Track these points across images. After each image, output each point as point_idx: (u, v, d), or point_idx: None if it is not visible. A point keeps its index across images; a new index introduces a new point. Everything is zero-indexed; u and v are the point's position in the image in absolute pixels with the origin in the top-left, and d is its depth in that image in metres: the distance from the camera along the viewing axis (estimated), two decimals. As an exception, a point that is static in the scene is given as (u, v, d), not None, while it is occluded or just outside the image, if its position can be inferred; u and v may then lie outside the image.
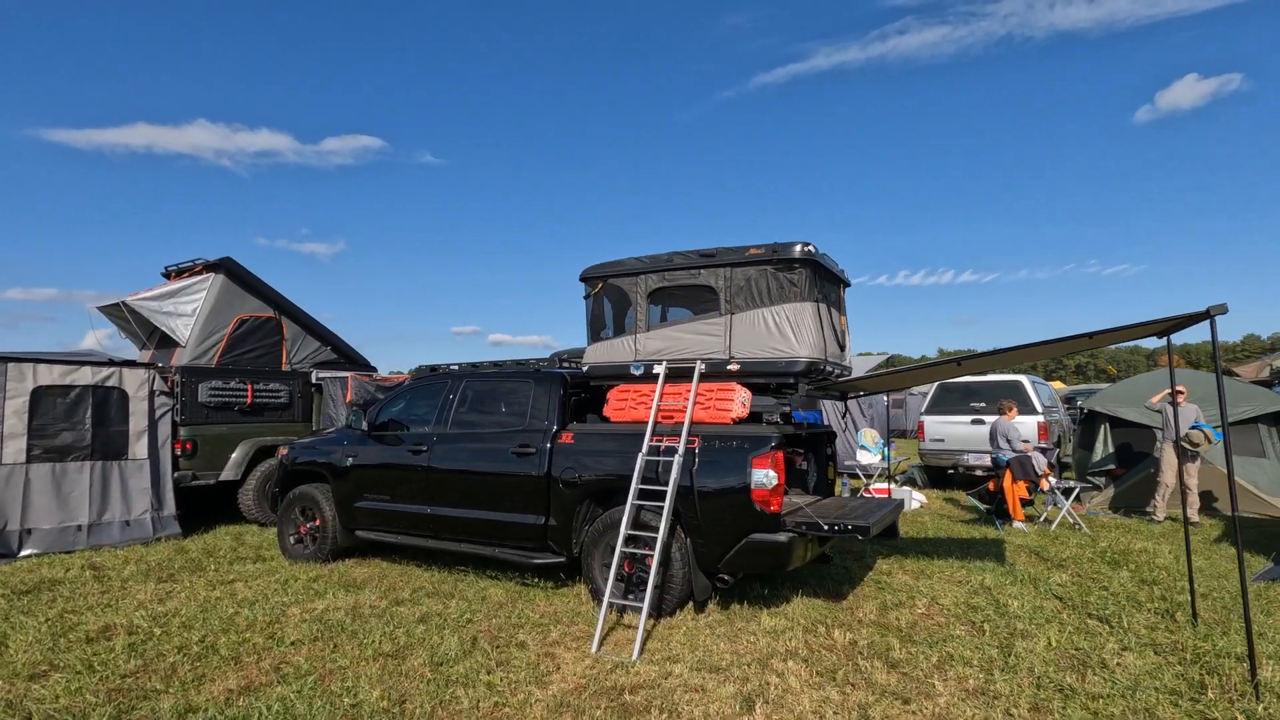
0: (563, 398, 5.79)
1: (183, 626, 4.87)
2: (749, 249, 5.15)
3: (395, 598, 5.54)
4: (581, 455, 5.39)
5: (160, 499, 8.14)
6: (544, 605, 5.33)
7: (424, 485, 6.13)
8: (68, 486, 7.49)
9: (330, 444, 6.92)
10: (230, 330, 9.17)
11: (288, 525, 7.02)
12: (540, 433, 5.66)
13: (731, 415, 5.05)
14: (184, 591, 5.80)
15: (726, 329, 5.22)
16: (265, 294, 9.54)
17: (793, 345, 5.00)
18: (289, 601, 5.46)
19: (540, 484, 5.52)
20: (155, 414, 8.18)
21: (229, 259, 9.14)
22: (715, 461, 4.86)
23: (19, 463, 7.21)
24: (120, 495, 7.84)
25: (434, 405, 6.43)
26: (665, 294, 5.53)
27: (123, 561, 6.87)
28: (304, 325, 9.99)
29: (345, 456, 6.65)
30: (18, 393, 7.25)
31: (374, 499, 6.44)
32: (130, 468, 7.96)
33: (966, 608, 5.23)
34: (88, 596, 5.64)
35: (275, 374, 9.50)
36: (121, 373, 7.97)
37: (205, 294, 9.00)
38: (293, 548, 6.97)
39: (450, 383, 6.44)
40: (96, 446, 7.69)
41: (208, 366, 8.90)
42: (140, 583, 6.09)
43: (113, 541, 7.60)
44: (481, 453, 5.89)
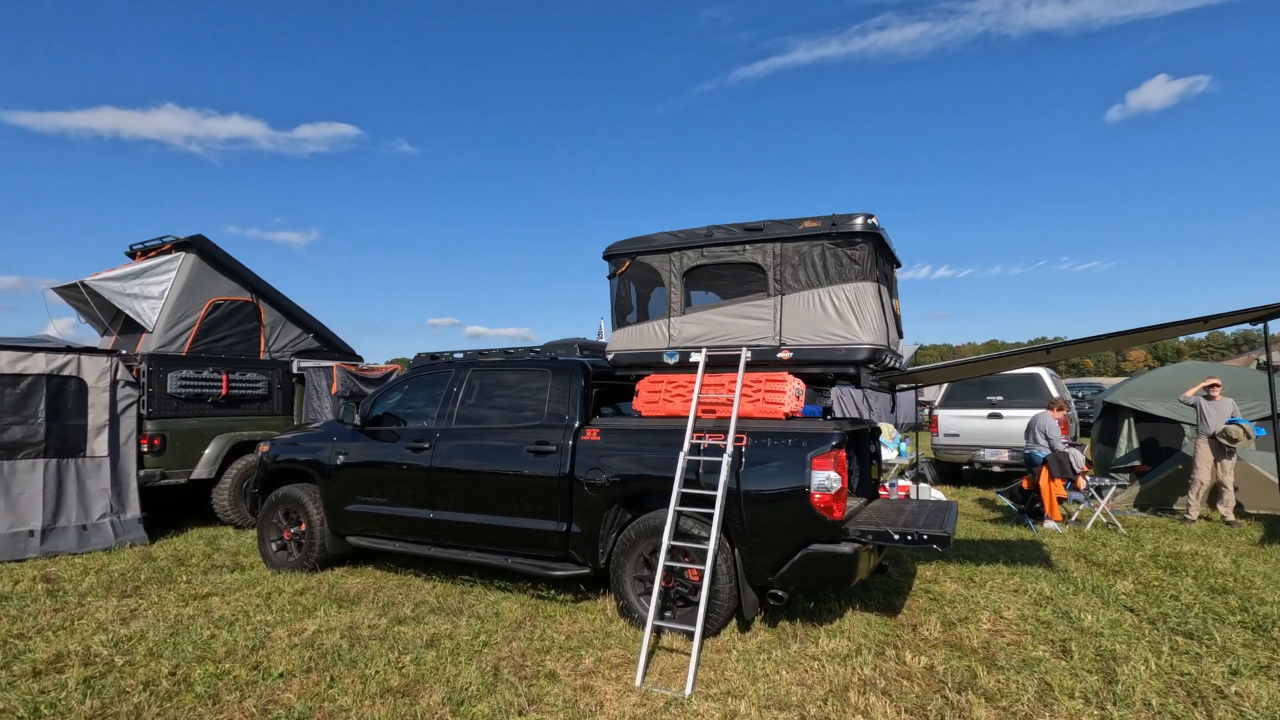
0: (584, 389, 5.17)
1: (150, 654, 4.18)
2: (802, 221, 4.56)
3: (396, 615, 4.89)
4: (609, 454, 4.78)
5: (122, 500, 7.35)
6: (567, 624, 4.72)
7: (426, 487, 5.46)
8: (17, 487, 6.69)
9: (317, 440, 6.21)
10: (202, 315, 8.37)
11: (269, 530, 6.31)
12: (560, 428, 5.04)
13: (784, 409, 4.47)
14: (151, 609, 5.08)
15: (776, 312, 4.63)
16: (241, 276, 8.74)
17: (854, 330, 4.43)
18: (274, 621, 4.78)
19: (561, 486, 4.90)
20: (118, 406, 7.38)
21: (201, 237, 8.33)
22: (767, 462, 4.28)
23: (-40, 461, 6.39)
24: (77, 497, 7.04)
25: (436, 398, 5.76)
26: (703, 273, 4.92)
27: (80, 572, 6.11)
28: (284, 310, 9.21)
29: (335, 454, 5.96)
30: (-41, 382, 6.43)
31: (368, 501, 5.77)
32: (88, 466, 7.16)
33: (1036, 622, 4.73)
34: (38, 616, 4.90)
35: (252, 363, 8.71)
36: (80, 360, 7.15)
37: (175, 275, 8.19)
38: (275, 555, 6.26)
39: (455, 373, 5.77)
40: (51, 443, 6.89)
41: (178, 355, 8.09)
42: (100, 598, 5.35)
43: (69, 549, 6.82)
44: (492, 451, 5.25)
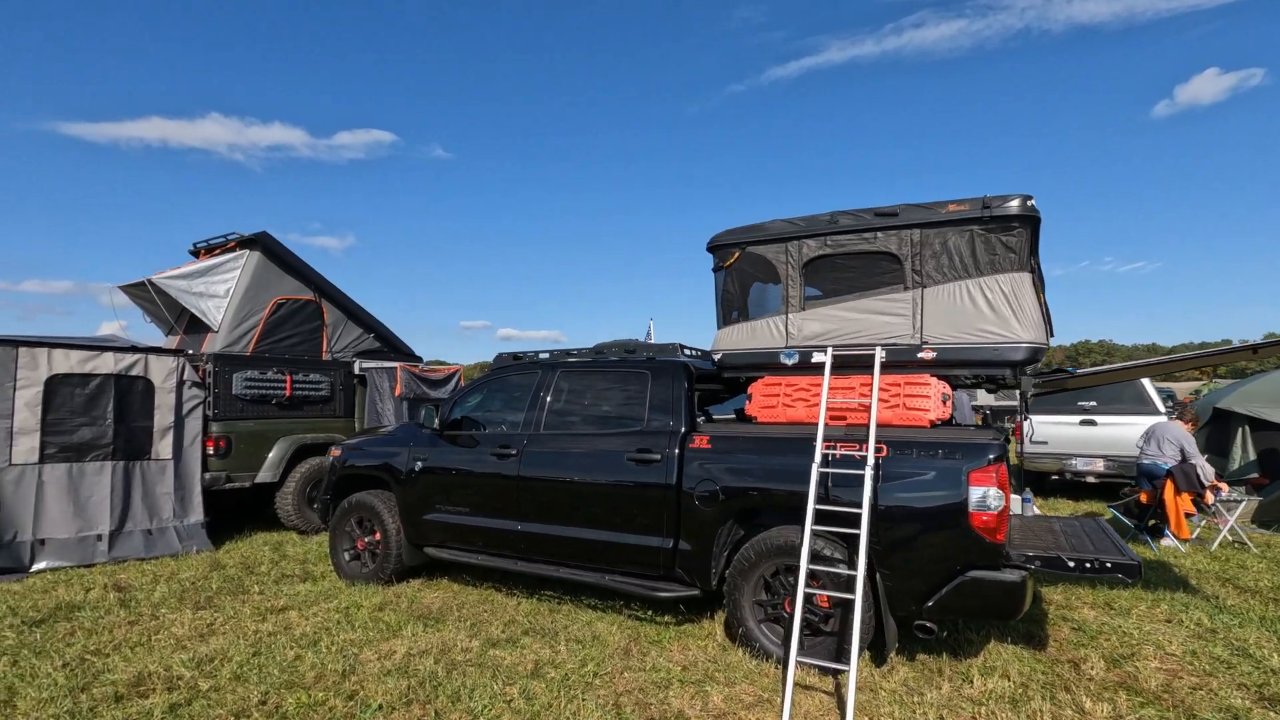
0: (689, 393, 4.73)
1: (235, 678, 3.85)
2: (946, 204, 4.06)
3: (488, 637, 4.50)
4: (722, 465, 4.32)
5: (186, 505, 7.14)
6: (677, 651, 4.28)
7: (512, 497, 5.08)
8: (86, 490, 6.50)
9: (393, 444, 5.88)
10: (267, 314, 8.15)
11: (341, 539, 5.99)
12: (664, 435, 4.60)
13: (929, 416, 3.97)
14: (228, 624, 4.78)
15: (914, 307, 4.14)
16: (304, 274, 8.51)
17: (1010, 327, 3.92)
18: (359, 640, 4.43)
19: (666, 498, 4.47)
20: (184, 408, 7.18)
21: (265, 234, 8.11)
22: (914, 476, 3.78)
23: (31, 463, 6.21)
24: (143, 500, 6.84)
25: (522, 401, 5.38)
26: (826, 264, 4.44)
27: (151, 580, 5.87)
28: (345, 310, 8.96)
29: (412, 460, 5.61)
30: (30, 382, 6.25)
31: (448, 511, 5.40)
32: (154, 469, 6.96)
33: (1213, 660, 4.14)
34: (113, 629, 4.63)
35: (315, 364, 8.48)
36: (147, 360, 6.96)
37: (239, 273, 7.98)
38: (348, 565, 5.94)
39: (541, 374, 5.38)
40: (119, 444, 6.69)
41: (242, 355, 7.88)
42: (174, 610, 5.08)
43: (136, 554, 6.61)
44: (586, 459, 4.84)
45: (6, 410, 6.11)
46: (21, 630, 4.61)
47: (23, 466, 6.17)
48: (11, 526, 6.08)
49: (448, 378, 9.04)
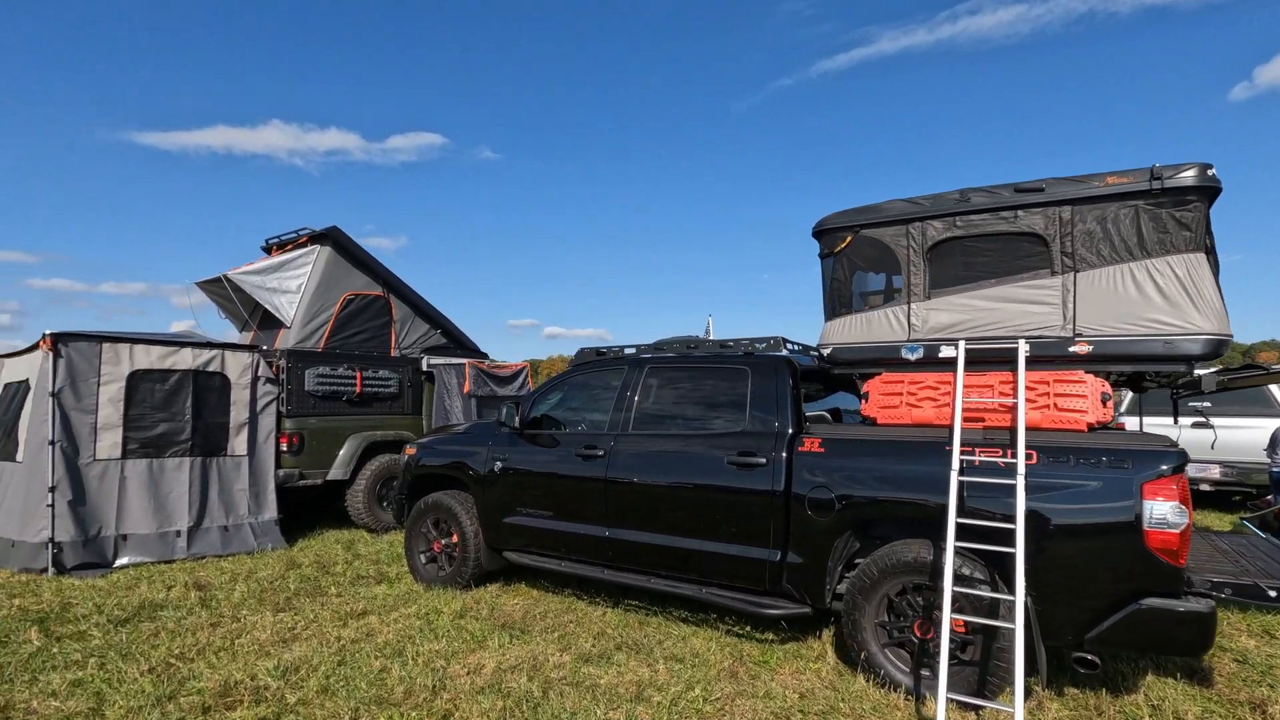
0: (794, 390, 4.33)
1: (322, 690, 3.63)
2: (1104, 177, 3.56)
3: (579, 651, 4.20)
4: (838, 470, 3.91)
5: (260, 502, 7.09)
6: (789, 675, 3.89)
7: (600, 500, 4.77)
8: (166, 486, 6.48)
9: (470, 443, 5.65)
10: (337, 310, 8.08)
11: (417, 540, 5.80)
12: (769, 436, 4.22)
13: (1086, 418, 3.48)
14: (309, 628, 4.61)
15: (1065, 294, 3.64)
16: (373, 269, 8.42)
17: (1186, 316, 3.40)
18: (445, 652, 4.18)
19: (773, 505, 4.08)
20: (258, 404, 7.13)
21: (335, 228, 8.04)
22: (1072, 487, 3.31)
23: (114, 458, 6.22)
24: (219, 497, 6.81)
25: (608, 399, 5.07)
26: (955, 247, 3.98)
27: (229, 579, 5.78)
28: (413, 305, 8.84)
29: (491, 460, 5.36)
30: (113, 377, 6.26)
31: (530, 515, 5.14)
32: (229, 465, 6.92)
33: None
34: (196, 632, 4.51)
35: (384, 360, 8.37)
36: (224, 356, 6.93)
37: (311, 268, 7.92)
38: (424, 568, 5.74)
39: (628, 370, 5.06)
40: (196, 440, 6.67)
41: (314, 350, 7.82)
42: (254, 611, 4.95)
43: (213, 551, 6.57)
44: (681, 461, 4.49)
45: (91, 405, 6.12)
46: (107, 629, 4.53)
47: (106, 462, 6.17)
48: (95, 522, 6.09)
49: (515, 374, 8.84)
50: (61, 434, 5.92)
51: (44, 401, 5.92)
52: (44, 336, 5.94)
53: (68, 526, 5.88)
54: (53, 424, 5.87)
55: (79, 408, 6.05)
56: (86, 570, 5.89)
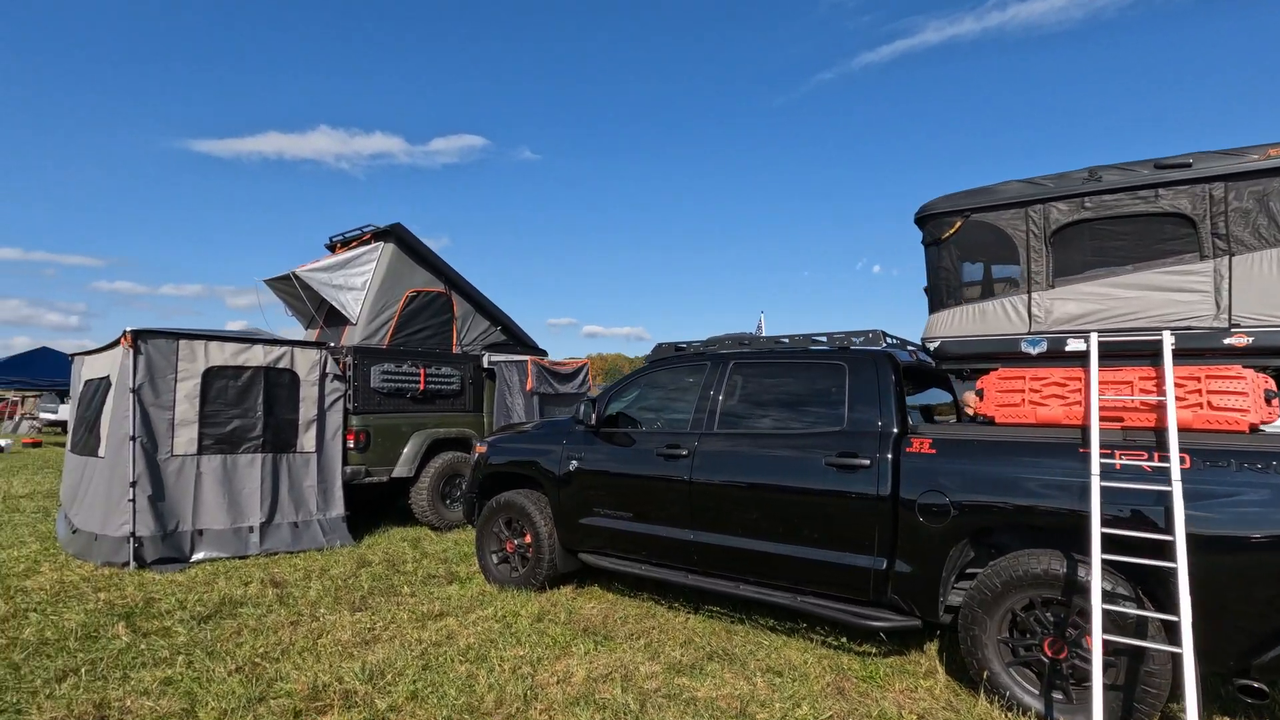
0: (898, 387, 4.05)
1: (411, 697, 3.51)
2: (1266, 149, 3.19)
3: (669, 660, 4.00)
4: (953, 473, 3.63)
5: (328, 498, 7.09)
6: (901, 694, 3.62)
7: (684, 502, 4.56)
8: (239, 482, 6.52)
9: (543, 442, 5.50)
10: (401, 306, 8.05)
11: (489, 540, 5.68)
12: (872, 436, 3.94)
13: (1248, 419, 3.12)
14: (388, 629, 4.51)
15: (1218, 280, 3.29)
16: (435, 265, 8.38)
17: (1368, 304, 3.01)
18: (529, 657, 4.03)
19: (878, 511, 3.81)
20: (326, 400, 7.13)
21: (399, 225, 8.01)
22: (1235, 495, 2.96)
23: (190, 454, 6.27)
24: (289, 493, 6.82)
25: (689, 396, 4.86)
26: (1085, 231, 3.65)
27: (303, 575, 5.76)
28: (474, 302, 8.78)
29: (566, 459, 5.21)
30: (189, 374, 6.31)
31: (608, 515, 4.96)
32: (298, 461, 6.93)
33: None
34: (278, 630, 4.45)
35: (447, 357, 8.33)
36: (293, 353, 6.94)
37: (375, 265, 7.91)
38: (497, 568, 5.62)
39: (711, 367, 4.84)
40: (268, 436, 6.69)
41: (379, 347, 7.80)
42: (332, 609, 4.89)
43: (285, 547, 6.58)
44: (773, 462, 4.25)
45: (168, 402, 6.18)
46: (191, 626, 4.51)
47: (183, 457, 6.23)
48: (173, 517, 6.14)
49: (576, 371, 8.70)
50: (141, 430, 5.98)
51: (125, 398, 5.99)
52: (125, 333, 6.01)
53: (147, 521, 5.95)
54: (133, 420, 5.94)
55: (157, 404, 6.11)
56: (165, 565, 5.95)
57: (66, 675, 3.71)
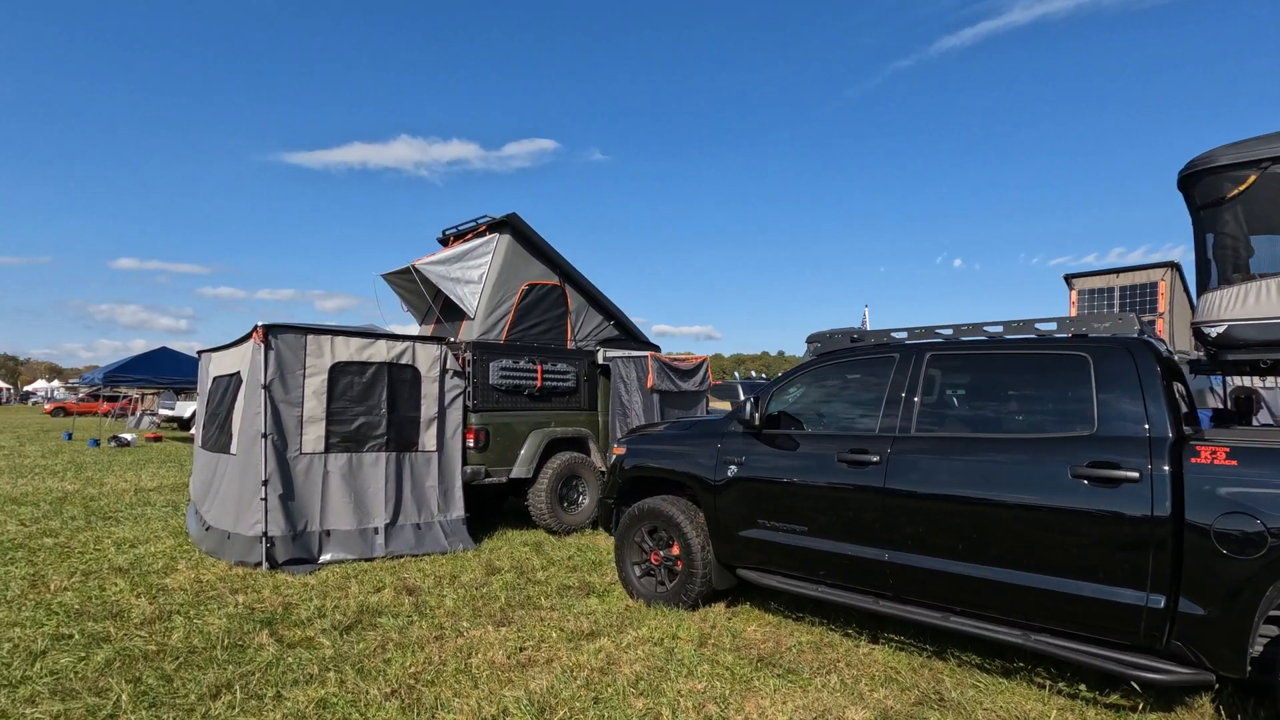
0: (1165, 383, 3.29)
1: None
2: None
3: (878, 706, 3.39)
4: (1269, 492, 2.85)
5: (448, 499, 6.82)
6: (1198, 766, 2.88)
7: (875, 516, 3.93)
8: (364, 481, 6.31)
9: (694, 443, 4.98)
10: (517, 300, 7.74)
11: (630, 550, 5.21)
12: (1138, 442, 3.21)
13: None
14: (539, 649, 4.09)
15: None
16: (550, 257, 8.02)
17: None
18: (710, 693, 3.50)
19: (1152, 536, 3.07)
20: (446, 398, 6.87)
21: (515, 215, 7.69)
22: None
23: (318, 452, 6.10)
24: (412, 493, 6.58)
25: (876, 393, 4.22)
26: None
27: (434, 582, 5.46)
28: (588, 295, 8.39)
29: (724, 463, 4.66)
30: (317, 370, 6.14)
31: (777, 529, 4.38)
32: (420, 461, 6.69)
33: None
34: (424, 646, 4.11)
35: (563, 353, 7.96)
36: (415, 348, 6.70)
37: (491, 257, 7.62)
38: (639, 582, 5.14)
39: (902, 359, 4.18)
40: (391, 435, 6.47)
41: (497, 342, 7.50)
42: (473, 622, 4.52)
43: (409, 550, 6.34)
44: (998, 470, 3.56)
45: (297, 398, 6.02)
46: (334, 637, 4.23)
47: (311, 455, 6.06)
48: (302, 516, 5.98)
49: (696, 368, 8.17)
50: (272, 427, 5.84)
51: (256, 394, 5.87)
52: (256, 328, 5.88)
53: (279, 521, 5.79)
54: (264, 416, 5.80)
55: (287, 400, 5.96)
56: (295, 565, 5.78)
57: (220, 691, 3.45)
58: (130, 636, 4.18)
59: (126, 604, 4.82)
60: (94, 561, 5.95)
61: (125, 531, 7.21)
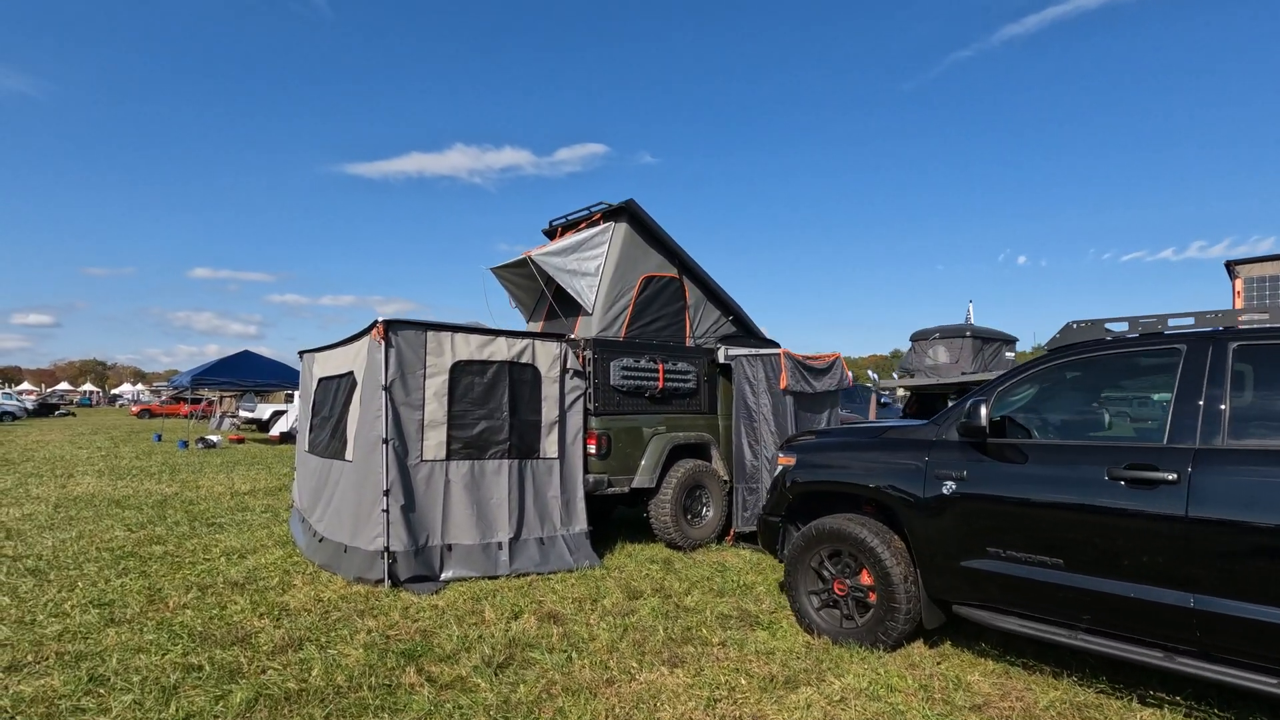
0: None
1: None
2: None
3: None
4: None
5: (571, 511, 6.22)
6: None
7: (1172, 550, 3.10)
8: (486, 491, 5.77)
9: (889, 451, 4.23)
10: (635, 294, 7.11)
11: (805, 577, 4.49)
12: None
13: None
14: (732, 701, 3.42)
15: None
16: (669, 247, 7.37)
17: None
18: (989, 777, 2.74)
19: None
20: (566, 399, 6.28)
21: (632, 202, 7.07)
22: None
23: (439, 459, 5.59)
24: (534, 505, 6.01)
25: (1152, 396, 3.40)
26: None
27: (575, 607, 4.86)
28: (706, 289, 7.71)
29: (937, 478, 3.89)
30: (437, 369, 5.64)
31: (1016, 560, 3.58)
32: (541, 469, 6.12)
33: None
34: (597, 693, 3.48)
35: (683, 351, 7.30)
36: (534, 346, 6.14)
37: (607, 247, 7.02)
38: (819, 615, 4.41)
39: (1191, 352, 3.33)
40: (514, 440, 5.91)
41: (617, 340, 6.89)
42: (640, 661, 3.88)
43: (534, 567, 5.76)
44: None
45: (418, 400, 5.52)
46: (490, 677, 3.65)
47: (432, 463, 5.55)
48: (424, 530, 5.47)
49: (831, 365, 7.39)
50: (393, 431, 5.35)
51: (375, 396, 5.39)
52: (377, 323, 5.41)
53: (400, 535, 5.30)
54: (385, 420, 5.31)
55: (407, 403, 5.47)
56: (417, 584, 5.28)
57: (384, 751, 2.89)
58: (264, 669, 3.70)
59: (251, 626, 4.37)
60: (207, 574, 5.59)
61: (231, 540, 6.89)
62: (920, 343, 13.40)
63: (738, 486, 7.09)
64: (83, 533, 7.16)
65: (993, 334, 13.19)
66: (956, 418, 3.88)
